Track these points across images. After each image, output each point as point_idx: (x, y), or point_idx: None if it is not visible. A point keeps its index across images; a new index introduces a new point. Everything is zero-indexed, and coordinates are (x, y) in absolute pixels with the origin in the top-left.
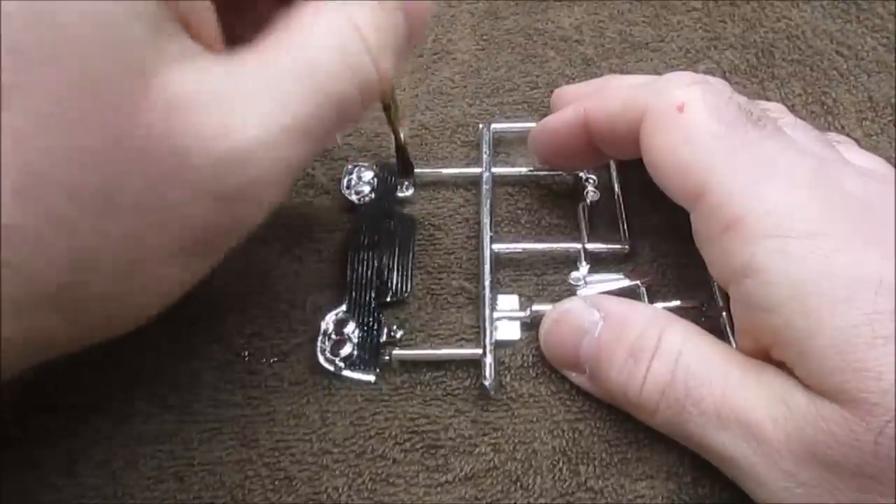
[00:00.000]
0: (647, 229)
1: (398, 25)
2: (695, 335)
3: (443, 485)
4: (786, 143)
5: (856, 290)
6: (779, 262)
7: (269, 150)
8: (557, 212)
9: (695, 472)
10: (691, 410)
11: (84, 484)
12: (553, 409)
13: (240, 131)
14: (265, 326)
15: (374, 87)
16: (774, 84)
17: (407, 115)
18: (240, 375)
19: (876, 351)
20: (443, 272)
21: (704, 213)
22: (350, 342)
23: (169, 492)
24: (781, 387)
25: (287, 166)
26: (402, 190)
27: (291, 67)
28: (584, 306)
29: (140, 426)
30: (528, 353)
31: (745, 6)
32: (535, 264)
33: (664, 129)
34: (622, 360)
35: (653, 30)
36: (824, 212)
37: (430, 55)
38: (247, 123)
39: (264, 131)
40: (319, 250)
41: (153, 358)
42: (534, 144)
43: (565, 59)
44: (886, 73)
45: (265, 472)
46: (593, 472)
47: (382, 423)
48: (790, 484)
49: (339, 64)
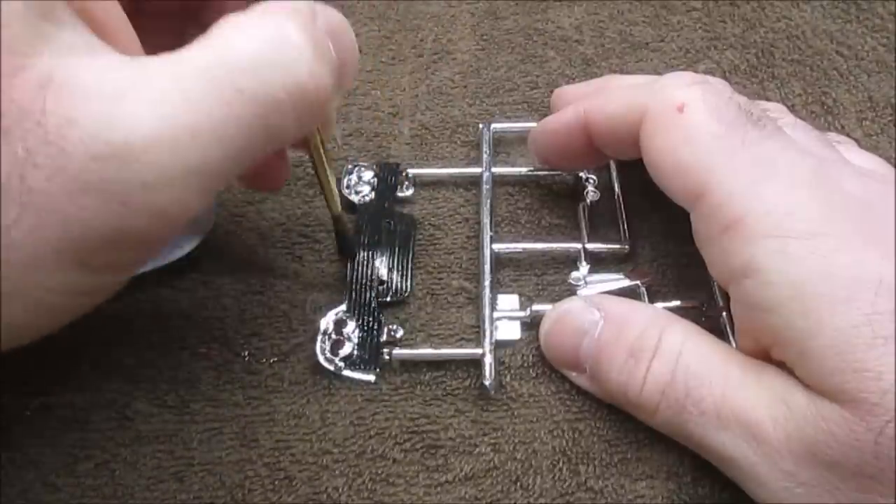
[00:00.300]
0: (647, 229)
1: (329, 49)
2: (695, 335)
3: (443, 485)
4: (786, 143)
5: (856, 290)
6: (779, 263)
7: (165, 149)
8: (557, 212)
9: (695, 472)
10: (691, 410)
11: (84, 484)
12: (553, 409)
13: (129, 126)
14: (265, 326)
15: (307, 96)
16: (774, 84)
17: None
18: (240, 375)
19: (876, 351)
20: (443, 272)
21: (704, 214)
22: (350, 342)
23: (169, 492)
24: (781, 387)
25: (189, 169)
26: (402, 190)
27: (205, 67)
28: (584, 306)
29: (140, 426)
30: (528, 353)
31: (745, 6)
32: (535, 264)
33: (664, 129)
34: (622, 360)
35: (653, 30)
36: (824, 212)
37: (430, 55)
38: (140, 118)
39: (159, 128)
40: (319, 250)
41: (153, 358)
42: (534, 144)
43: (565, 59)
44: (886, 73)
45: (265, 472)
46: (593, 472)
47: (382, 423)
48: (790, 484)
49: (262, 64)
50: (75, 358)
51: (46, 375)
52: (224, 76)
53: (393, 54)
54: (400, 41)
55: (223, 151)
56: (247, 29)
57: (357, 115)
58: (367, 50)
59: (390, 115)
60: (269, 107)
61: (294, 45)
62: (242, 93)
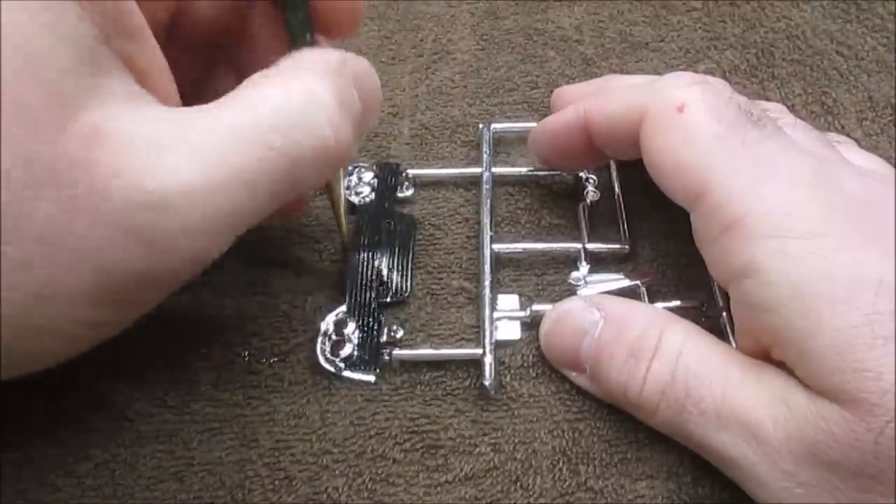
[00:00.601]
0: (647, 229)
1: (354, 100)
2: (695, 335)
3: (443, 485)
4: (786, 143)
5: (856, 290)
6: (779, 263)
7: (200, 198)
8: (557, 212)
9: (695, 472)
10: (691, 410)
11: (84, 484)
12: (553, 409)
13: (167, 175)
14: (265, 326)
15: (330, 152)
16: (774, 84)
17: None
18: (240, 375)
19: (876, 351)
20: (443, 272)
21: (704, 214)
22: (350, 342)
23: (169, 492)
24: (781, 387)
25: (221, 218)
26: (402, 190)
27: (236, 122)
28: (584, 306)
29: (140, 426)
30: (528, 353)
31: (745, 6)
32: (535, 264)
33: (664, 129)
34: (622, 360)
35: (653, 30)
36: (824, 212)
37: (430, 55)
38: (178, 169)
39: (195, 178)
40: (319, 250)
41: (153, 358)
42: (534, 144)
43: (565, 59)
44: (886, 73)
45: (265, 472)
46: (593, 472)
47: (382, 423)
48: (790, 484)
49: (290, 123)
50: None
51: (46, 375)
52: (257, 134)
53: (393, 54)
54: (400, 41)
55: (252, 201)
56: (279, 86)
57: None
58: (367, 50)
59: (390, 115)
60: (296, 162)
61: (321, 104)
62: (272, 150)
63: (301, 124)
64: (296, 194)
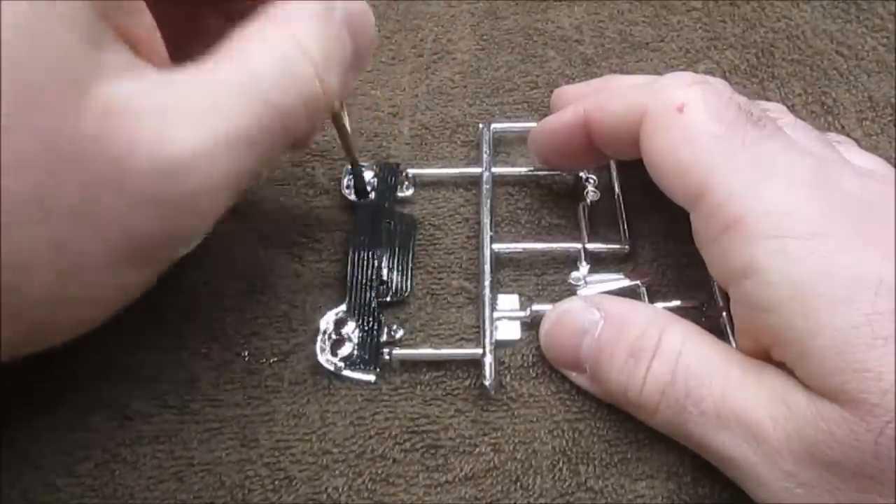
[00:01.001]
0: (647, 229)
1: (343, 44)
2: (695, 335)
3: (443, 485)
4: (786, 144)
5: (856, 290)
6: (779, 263)
7: (210, 160)
8: (557, 212)
9: (695, 472)
10: (691, 410)
11: (84, 484)
12: (553, 409)
13: (179, 141)
14: (265, 326)
15: (319, 103)
16: (774, 84)
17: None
18: (240, 375)
19: (876, 351)
20: (443, 272)
21: (704, 214)
22: (350, 342)
23: (169, 492)
24: (781, 387)
25: (228, 176)
26: (402, 190)
27: (233, 79)
28: (584, 306)
29: (140, 426)
30: (528, 353)
31: (745, 6)
32: (535, 264)
33: (664, 129)
34: (622, 360)
35: (653, 30)
36: (824, 212)
37: (430, 55)
38: (187, 134)
39: (204, 141)
40: (319, 250)
41: (153, 358)
42: (534, 144)
43: (565, 59)
44: (886, 73)
45: (265, 472)
46: (593, 472)
47: (382, 423)
48: (790, 484)
49: (282, 76)
50: (75, 358)
51: (47, 375)
52: (251, 90)
53: (393, 54)
54: (400, 41)
55: (254, 155)
56: (266, 40)
57: (357, 115)
58: None
59: (390, 115)
60: (290, 116)
61: (307, 54)
62: (267, 103)
63: (291, 76)
64: (291, 144)
